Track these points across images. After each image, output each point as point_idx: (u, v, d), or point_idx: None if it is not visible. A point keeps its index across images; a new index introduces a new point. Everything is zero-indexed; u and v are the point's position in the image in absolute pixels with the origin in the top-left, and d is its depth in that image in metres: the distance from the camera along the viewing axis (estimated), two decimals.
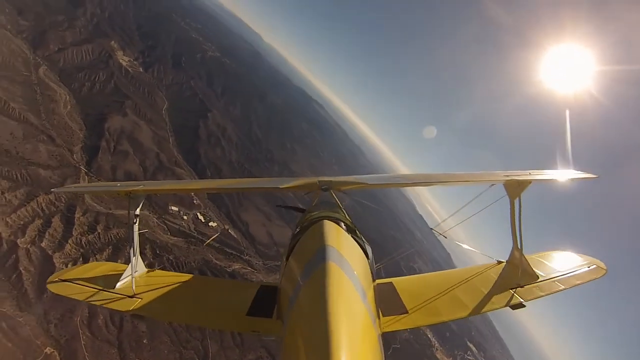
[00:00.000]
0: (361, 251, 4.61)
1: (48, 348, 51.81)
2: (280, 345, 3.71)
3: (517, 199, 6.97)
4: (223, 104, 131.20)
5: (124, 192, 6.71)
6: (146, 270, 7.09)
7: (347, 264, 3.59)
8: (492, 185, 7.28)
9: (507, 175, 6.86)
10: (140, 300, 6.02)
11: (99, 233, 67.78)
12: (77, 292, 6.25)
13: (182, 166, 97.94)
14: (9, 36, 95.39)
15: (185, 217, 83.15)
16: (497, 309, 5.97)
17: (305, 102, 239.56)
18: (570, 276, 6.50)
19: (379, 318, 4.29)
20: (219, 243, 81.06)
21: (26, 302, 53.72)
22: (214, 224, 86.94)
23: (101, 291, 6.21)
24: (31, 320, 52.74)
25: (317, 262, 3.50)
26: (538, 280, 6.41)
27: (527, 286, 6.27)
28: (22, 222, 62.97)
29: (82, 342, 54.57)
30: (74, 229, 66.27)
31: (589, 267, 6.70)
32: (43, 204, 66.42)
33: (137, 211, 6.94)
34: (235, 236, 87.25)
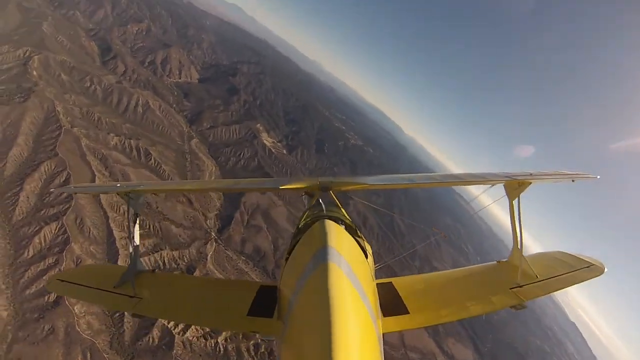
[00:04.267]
0: (361, 251, 4.49)
1: None
2: (280, 345, 3.60)
3: (517, 199, 6.57)
4: (366, 193, 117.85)
5: (124, 191, 6.47)
6: (146, 270, 6.66)
7: (347, 264, 3.47)
8: (492, 185, 6.81)
9: (507, 176, 6.54)
10: (140, 300, 5.78)
11: None
12: (77, 292, 6.08)
13: None
14: (172, 112, 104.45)
15: None
16: (497, 309, 5.78)
17: (449, 196, 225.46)
18: (569, 275, 6.21)
19: (379, 318, 4.18)
20: None
21: (120, 344, 51.15)
22: None
23: (102, 291, 5.96)
24: None
25: (316, 262, 3.39)
26: (537, 280, 6.07)
27: (527, 286, 5.98)
28: None
29: None
30: None
31: (587, 266, 6.37)
32: (166, 258, 66.99)
33: (138, 211, 6.66)
34: None
